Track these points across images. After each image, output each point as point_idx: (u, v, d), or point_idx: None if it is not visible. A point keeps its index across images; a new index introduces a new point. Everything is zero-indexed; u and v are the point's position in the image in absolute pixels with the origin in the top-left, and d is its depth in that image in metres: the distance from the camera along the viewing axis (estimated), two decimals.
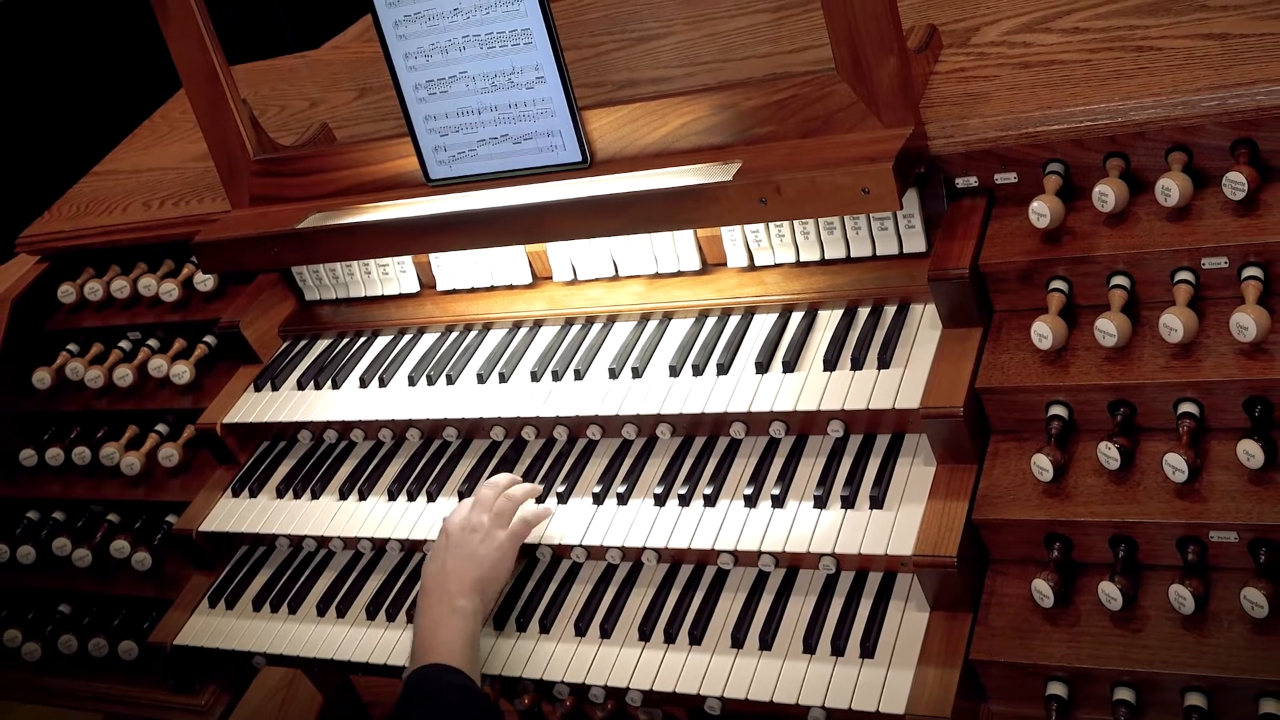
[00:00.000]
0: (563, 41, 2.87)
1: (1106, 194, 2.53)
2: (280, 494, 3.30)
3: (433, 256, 3.40)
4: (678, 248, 3.09)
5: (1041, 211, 2.56)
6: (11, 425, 4.05)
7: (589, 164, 2.94)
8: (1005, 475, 2.54)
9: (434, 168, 3.11)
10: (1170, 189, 2.46)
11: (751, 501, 2.73)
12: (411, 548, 3.09)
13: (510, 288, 3.36)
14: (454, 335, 3.35)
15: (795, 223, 2.93)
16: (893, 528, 2.54)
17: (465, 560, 2.77)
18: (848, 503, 2.62)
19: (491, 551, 2.78)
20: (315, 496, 3.24)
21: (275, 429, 3.42)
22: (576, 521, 2.87)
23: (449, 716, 2.50)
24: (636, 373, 2.96)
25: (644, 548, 2.77)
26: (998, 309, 2.69)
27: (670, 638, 2.69)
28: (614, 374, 2.99)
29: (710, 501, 2.77)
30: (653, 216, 2.80)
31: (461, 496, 3.03)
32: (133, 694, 3.74)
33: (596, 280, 3.24)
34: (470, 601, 2.72)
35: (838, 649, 2.53)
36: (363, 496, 3.18)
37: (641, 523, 2.80)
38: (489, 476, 3.02)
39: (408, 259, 3.45)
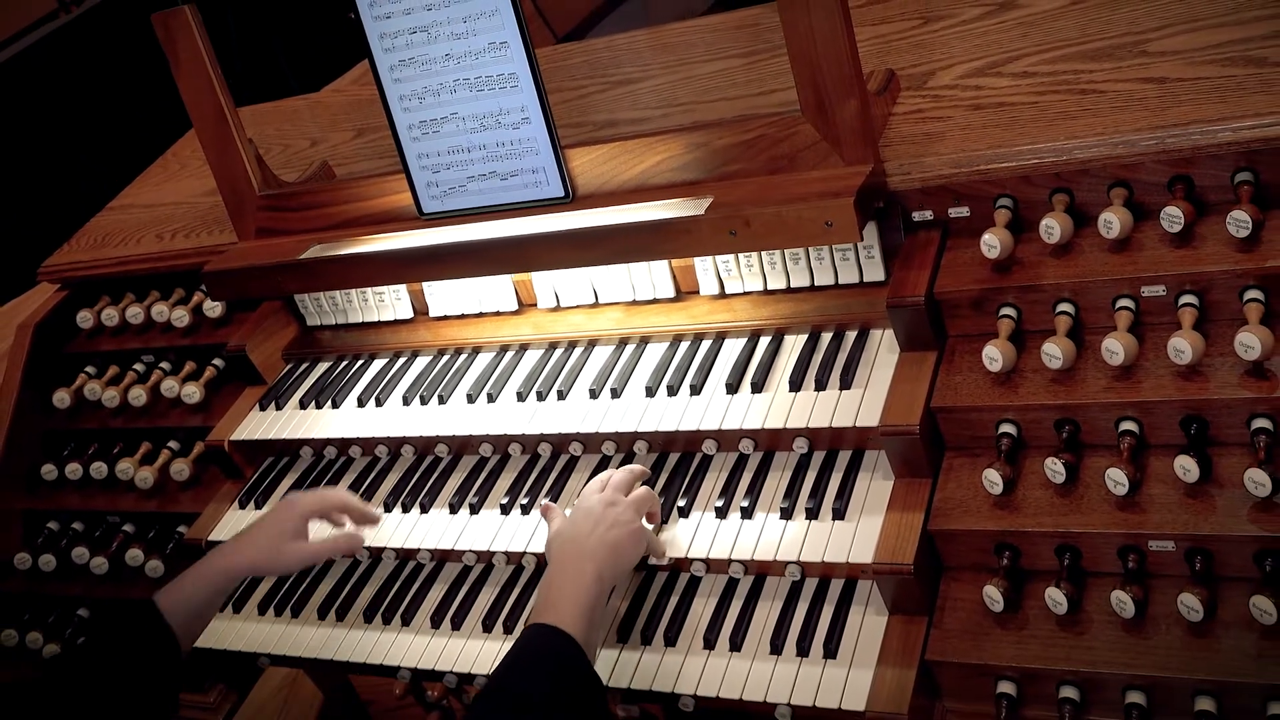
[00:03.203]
0: (547, 84, 2.85)
1: (1052, 227, 2.52)
2: None
3: (425, 285, 3.38)
4: (653, 277, 3.08)
5: (992, 243, 2.56)
6: (33, 442, 4.02)
7: (571, 199, 2.93)
8: (958, 489, 2.53)
9: (427, 202, 3.09)
10: (1112, 222, 2.46)
11: (722, 513, 2.71)
12: (405, 556, 3.07)
13: (498, 314, 3.34)
14: (445, 358, 3.32)
15: (763, 253, 2.91)
16: (854, 537, 2.53)
17: (601, 526, 2.59)
18: (812, 514, 2.61)
19: (629, 526, 2.61)
20: None
21: (279, 446, 3.40)
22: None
23: (546, 681, 2.31)
24: (615, 393, 2.94)
25: None
26: (951, 334, 2.68)
27: (647, 639, 2.68)
28: (594, 394, 2.97)
29: (684, 513, 2.75)
30: (630, 248, 2.78)
31: (453, 509, 3.01)
32: None
33: (578, 307, 3.22)
34: (601, 568, 2.52)
35: (802, 650, 2.52)
36: None
37: None
38: (486, 492, 3.02)
39: (402, 287, 3.44)
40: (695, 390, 2.86)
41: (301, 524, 2.86)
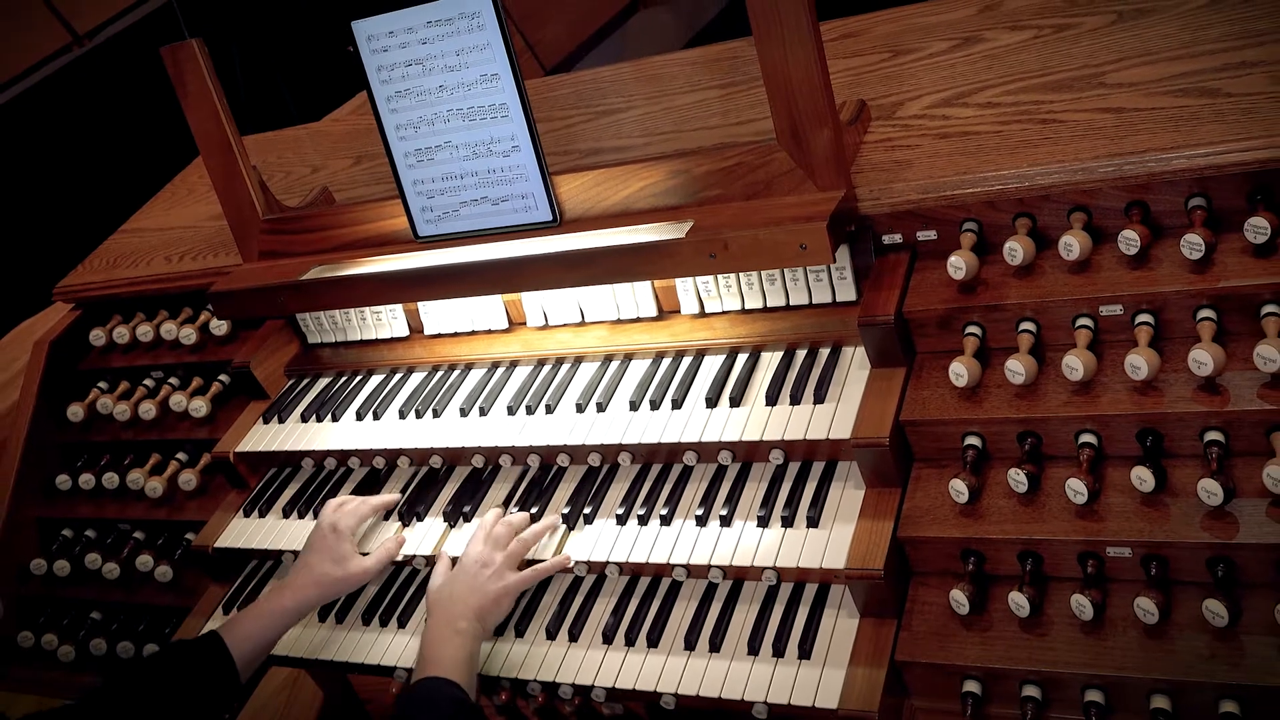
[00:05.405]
0: (536, 114, 2.85)
1: (1015, 249, 2.51)
2: (286, 514, 3.25)
3: (421, 304, 3.37)
4: (637, 297, 3.07)
5: (958, 265, 2.55)
6: (49, 454, 4.01)
7: (559, 223, 2.92)
8: (926, 498, 2.52)
9: (422, 226, 3.08)
10: (1072, 245, 2.45)
11: (702, 521, 2.70)
12: (401, 562, 3.04)
13: (489, 332, 3.32)
14: (439, 374, 3.31)
15: (741, 274, 2.90)
16: (827, 544, 2.52)
17: (473, 591, 2.71)
18: (787, 522, 2.60)
19: (497, 588, 2.72)
20: (317, 517, 3.19)
21: (282, 457, 3.38)
22: (548, 538, 2.84)
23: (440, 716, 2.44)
24: (601, 407, 2.93)
25: (607, 561, 2.73)
26: (920, 351, 2.67)
27: (630, 641, 2.67)
28: (581, 408, 2.95)
29: (666, 521, 2.74)
30: (615, 269, 2.77)
31: (446, 518, 3.00)
32: None
33: (565, 325, 3.21)
34: (471, 625, 2.65)
35: (778, 651, 2.51)
36: None
37: (605, 539, 2.77)
38: (478, 502, 3.01)
39: (398, 307, 3.42)
40: (676, 405, 2.84)
41: (353, 544, 2.95)
